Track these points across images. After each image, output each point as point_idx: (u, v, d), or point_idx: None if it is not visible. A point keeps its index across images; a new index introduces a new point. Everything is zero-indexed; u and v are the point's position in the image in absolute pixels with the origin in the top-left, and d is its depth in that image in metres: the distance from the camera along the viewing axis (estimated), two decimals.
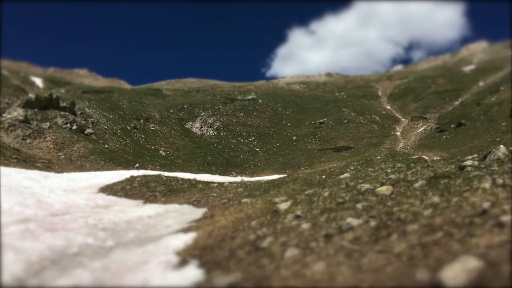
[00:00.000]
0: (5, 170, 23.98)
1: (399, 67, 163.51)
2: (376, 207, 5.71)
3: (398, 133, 73.97)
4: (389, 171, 9.61)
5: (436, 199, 5.31)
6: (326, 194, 7.83)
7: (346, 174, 11.27)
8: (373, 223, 4.93)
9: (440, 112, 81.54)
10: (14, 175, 22.17)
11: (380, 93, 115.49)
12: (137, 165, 39.74)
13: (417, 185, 6.40)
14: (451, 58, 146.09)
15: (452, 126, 65.34)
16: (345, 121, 77.29)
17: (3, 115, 50.28)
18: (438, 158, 11.97)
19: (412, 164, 10.12)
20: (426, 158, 21.90)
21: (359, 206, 6.02)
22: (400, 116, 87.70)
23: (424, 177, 6.99)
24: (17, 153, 36.34)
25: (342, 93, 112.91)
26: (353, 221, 5.15)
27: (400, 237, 4.15)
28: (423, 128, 72.38)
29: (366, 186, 7.41)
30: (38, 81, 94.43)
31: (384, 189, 6.58)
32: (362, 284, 3.28)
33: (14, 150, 37.92)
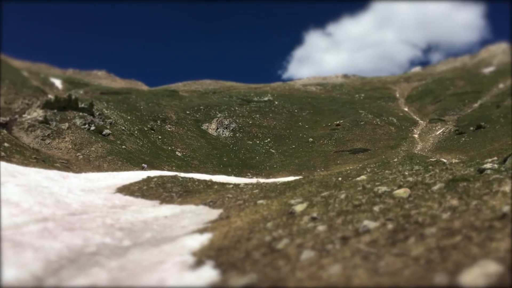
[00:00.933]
0: (25, 170, 24.40)
1: (417, 69, 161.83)
2: (394, 209, 5.65)
3: (416, 135, 73.15)
4: (406, 173, 9.50)
5: (454, 202, 5.23)
6: (343, 196, 7.78)
7: (363, 177, 11.18)
8: (390, 225, 4.88)
9: (459, 114, 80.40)
10: (33, 175, 22.54)
11: (397, 95, 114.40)
12: (144, 165, 39.63)
13: (435, 188, 6.32)
14: (470, 60, 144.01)
15: (471, 128, 64.39)
16: (362, 123, 76.73)
17: (23, 115, 51.19)
18: (456, 160, 11.77)
19: (430, 167, 9.99)
20: (445, 160, 21.61)
21: (376, 208, 5.96)
22: (418, 118, 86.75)
23: (443, 180, 6.90)
24: (36, 153, 36.95)
25: (359, 95, 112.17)
26: (370, 224, 5.10)
27: (418, 240, 4.10)
28: (441, 130, 71.45)
29: (383, 188, 7.34)
30: (58, 82, 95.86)
31: (401, 192, 6.51)
32: (379, 287, 3.25)
33: (34, 150, 38.56)
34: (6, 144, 32.01)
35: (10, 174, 20.37)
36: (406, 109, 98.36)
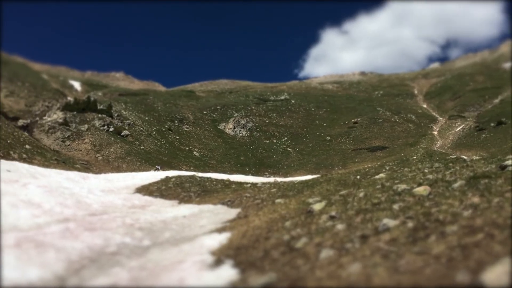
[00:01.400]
0: (46, 171, 24.84)
1: (435, 65, 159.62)
2: (414, 207, 5.59)
3: (435, 132, 72.17)
4: (426, 171, 9.39)
5: (476, 199, 5.15)
6: (361, 194, 7.73)
7: (382, 175, 11.08)
8: (410, 224, 4.83)
9: (479, 110, 79.03)
10: (54, 176, 22.93)
11: (416, 92, 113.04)
12: (158, 166, 39.72)
13: (456, 185, 6.23)
14: (490, 55, 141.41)
15: (492, 124, 63.24)
16: (379, 120, 76.03)
17: (44, 118, 52.09)
18: (477, 157, 11.60)
19: (450, 164, 9.85)
20: (465, 157, 21.25)
21: (395, 206, 5.91)
22: (437, 115, 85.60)
23: (463, 177, 6.80)
24: (57, 154, 37.56)
25: (377, 92, 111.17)
26: (390, 222, 5.06)
27: (438, 238, 4.05)
28: (461, 127, 70.36)
29: (402, 186, 7.26)
30: (76, 85, 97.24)
31: (421, 190, 6.43)
32: (399, 285, 3.22)
33: (54, 152, 39.21)
34: (27, 146, 32.61)
35: (31, 176, 20.76)
36: (424, 105, 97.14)
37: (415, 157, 42.12)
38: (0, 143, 27.80)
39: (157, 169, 37.22)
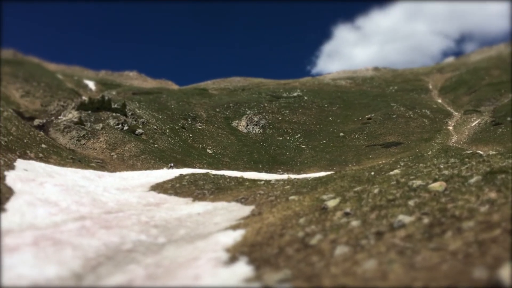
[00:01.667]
0: (62, 170, 25.16)
1: (450, 59, 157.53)
2: (429, 203, 5.54)
3: (451, 128, 71.33)
4: (442, 166, 9.30)
5: (493, 195, 5.09)
6: (376, 191, 7.68)
7: (396, 171, 11.01)
8: (426, 220, 4.79)
9: (495, 104, 77.83)
10: (70, 175, 23.24)
11: (430, 87, 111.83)
12: (171, 164, 39.77)
13: (472, 180, 6.16)
14: (506, 48, 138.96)
15: (508, 119, 62.25)
16: (394, 116, 75.38)
17: (59, 117, 52.70)
18: (494, 152, 11.42)
19: (466, 159, 9.74)
20: (481, 152, 20.92)
21: (411, 203, 5.87)
22: (452, 110, 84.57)
23: (480, 172, 6.72)
24: (72, 153, 38.00)
25: (391, 88, 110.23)
26: (405, 218, 5.02)
27: (455, 234, 4.01)
28: (477, 121, 69.39)
29: (418, 182, 7.20)
30: (91, 84, 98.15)
31: (437, 185, 6.37)
32: (415, 282, 3.20)
33: (70, 151, 39.66)
34: (43, 146, 33.05)
35: (48, 175, 21.05)
36: (439, 100, 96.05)
37: (430, 153, 41.71)
38: (17, 143, 28.21)
39: (171, 167, 37.33)
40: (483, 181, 5.98)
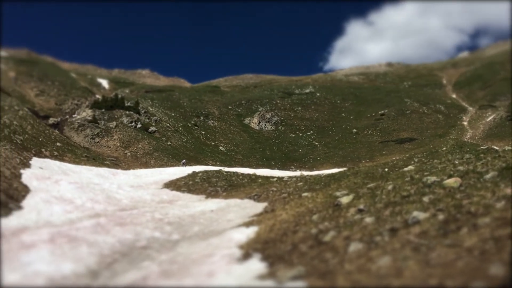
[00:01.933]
0: (77, 168, 25.45)
1: (464, 54, 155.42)
2: (444, 200, 5.49)
3: (465, 123, 70.44)
4: (456, 162, 9.20)
5: (509, 191, 5.02)
6: (390, 187, 7.63)
7: (410, 167, 10.92)
8: (441, 216, 4.75)
9: (510, 99, 76.64)
10: (85, 173, 23.49)
11: (444, 82, 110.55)
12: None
13: (488, 176, 6.08)
14: None
15: None
16: (407, 111, 74.71)
17: (73, 116, 53.27)
18: (509, 148, 11.23)
19: (481, 155, 9.61)
20: (497, 148, 20.58)
21: (425, 199, 5.81)
22: (466, 105, 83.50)
23: (495, 168, 6.63)
24: (87, 151, 38.38)
25: (404, 83, 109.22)
26: (420, 215, 4.98)
27: (471, 230, 3.97)
28: (492, 116, 68.40)
29: (432, 178, 7.13)
30: (104, 83, 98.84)
31: (452, 181, 6.31)
32: (431, 279, 3.17)
33: (84, 149, 40.07)
34: (58, 144, 33.43)
35: (63, 173, 21.30)
36: (454, 96, 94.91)
37: (444, 149, 41.26)
38: (32, 141, 28.59)
39: (183, 164, 37.35)
40: (499, 176, 5.91)
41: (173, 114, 65.64)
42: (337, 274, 3.89)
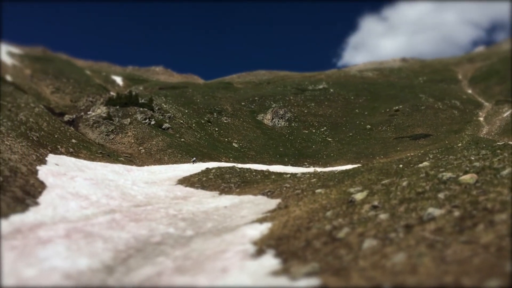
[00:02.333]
0: (92, 164, 25.72)
1: (480, 49, 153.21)
2: (460, 196, 5.42)
3: (481, 118, 69.52)
4: (472, 158, 9.09)
5: None
6: (405, 183, 7.57)
7: (425, 163, 10.82)
8: (456, 213, 4.70)
9: None
10: (100, 169, 23.72)
11: (460, 77, 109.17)
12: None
13: (504, 172, 5.99)
14: None
15: None
16: (422, 107, 73.99)
17: (88, 113, 53.81)
18: None
19: (498, 151, 9.48)
20: None
21: (440, 195, 5.75)
22: (483, 100, 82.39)
23: None
24: (101, 148, 38.77)
25: (419, 78, 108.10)
26: (435, 211, 4.94)
27: (487, 227, 3.92)
28: (509, 112, 67.36)
29: (448, 174, 7.06)
30: (118, 80, 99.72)
31: (468, 178, 6.23)
32: (446, 276, 3.14)
33: (99, 145, 40.49)
34: (73, 141, 33.83)
35: (78, 169, 21.55)
36: (469, 91, 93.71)
37: (460, 145, 40.79)
38: (48, 138, 28.96)
39: (194, 161, 37.07)
40: None
41: (186, 111, 65.91)
42: (351, 270, 3.88)
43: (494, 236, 3.62)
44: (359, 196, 7.60)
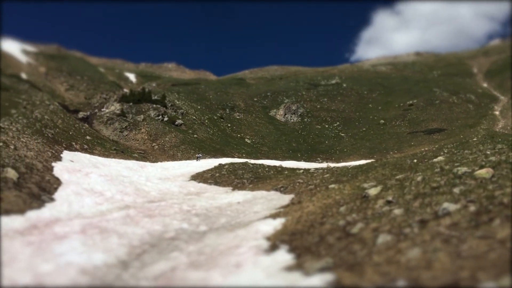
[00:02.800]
0: (106, 161, 25.97)
1: (496, 42, 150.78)
2: (475, 191, 5.36)
3: (497, 112, 68.50)
4: (488, 152, 8.97)
5: None
6: (419, 178, 7.50)
7: (440, 158, 10.71)
8: (472, 207, 4.64)
9: None
10: (114, 165, 23.93)
11: (475, 71, 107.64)
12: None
13: None
14: None
15: None
16: (436, 101, 73.13)
17: (102, 109, 54.25)
18: None
19: None
20: None
21: (456, 190, 5.69)
22: (498, 94, 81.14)
23: None
24: (115, 144, 39.11)
25: (433, 72, 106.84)
26: (450, 206, 4.88)
27: (503, 222, 3.86)
28: None
29: (463, 169, 6.98)
30: (131, 77, 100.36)
31: (483, 172, 6.15)
32: (462, 271, 3.11)
33: (113, 142, 40.85)
34: (88, 137, 34.18)
35: (93, 165, 21.76)
36: (485, 85, 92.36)
37: (475, 139, 40.27)
38: (63, 135, 29.29)
39: (198, 158, 35.98)
40: None
41: (199, 107, 66.08)
42: (366, 265, 3.86)
43: (510, 231, 3.57)
44: (373, 191, 7.55)
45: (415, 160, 12.64)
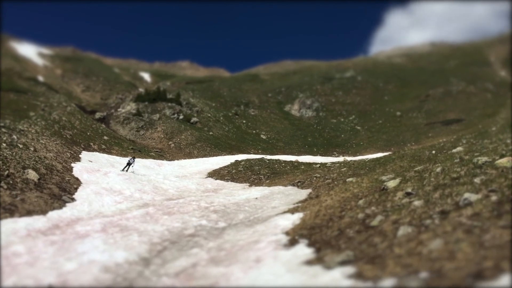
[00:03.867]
0: (124, 160, 26.19)
1: None
2: (497, 180, 5.28)
3: None
4: (508, 141, 8.82)
5: None
6: (438, 169, 7.42)
7: (459, 148, 10.57)
8: (494, 197, 4.57)
9: None
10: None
11: (492, 59, 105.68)
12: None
13: None
14: None
15: None
16: (453, 92, 72.05)
17: (118, 109, 54.75)
18: None
19: None
20: None
21: (476, 180, 5.61)
22: None
23: None
24: (132, 144, 39.47)
25: (450, 62, 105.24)
26: (471, 196, 4.82)
27: None
28: None
29: (483, 159, 6.87)
30: (146, 76, 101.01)
31: (504, 161, 6.05)
32: (485, 261, 3.07)
33: (130, 141, 41.22)
34: (105, 137, 34.56)
35: (111, 165, 22.01)
36: (503, 73, 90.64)
37: (494, 128, 39.62)
38: (81, 136, 29.68)
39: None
40: None
41: (213, 104, 66.22)
42: (387, 258, 3.84)
43: None
44: (391, 184, 7.49)
45: (434, 151, 12.50)
